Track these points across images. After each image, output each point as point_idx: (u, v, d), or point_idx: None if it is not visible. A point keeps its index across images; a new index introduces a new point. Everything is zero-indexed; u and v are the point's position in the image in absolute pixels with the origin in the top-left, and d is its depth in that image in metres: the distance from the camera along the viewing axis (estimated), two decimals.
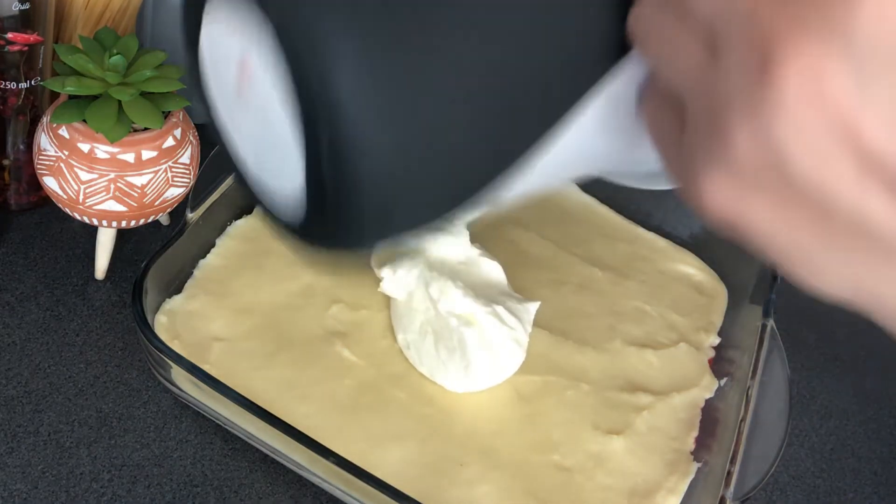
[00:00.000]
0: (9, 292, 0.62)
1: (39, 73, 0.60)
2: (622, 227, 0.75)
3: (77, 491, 0.53)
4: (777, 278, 0.67)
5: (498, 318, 0.58)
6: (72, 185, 0.58)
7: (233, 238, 0.66)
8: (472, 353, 0.57)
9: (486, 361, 0.58)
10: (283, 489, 0.56)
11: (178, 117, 0.60)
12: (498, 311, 0.58)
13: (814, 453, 0.67)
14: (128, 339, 0.61)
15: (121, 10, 0.64)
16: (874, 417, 0.71)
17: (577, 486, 0.57)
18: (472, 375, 0.58)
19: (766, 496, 0.63)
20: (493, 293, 0.60)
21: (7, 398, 0.57)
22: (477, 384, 0.59)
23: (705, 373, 0.65)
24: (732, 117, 0.24)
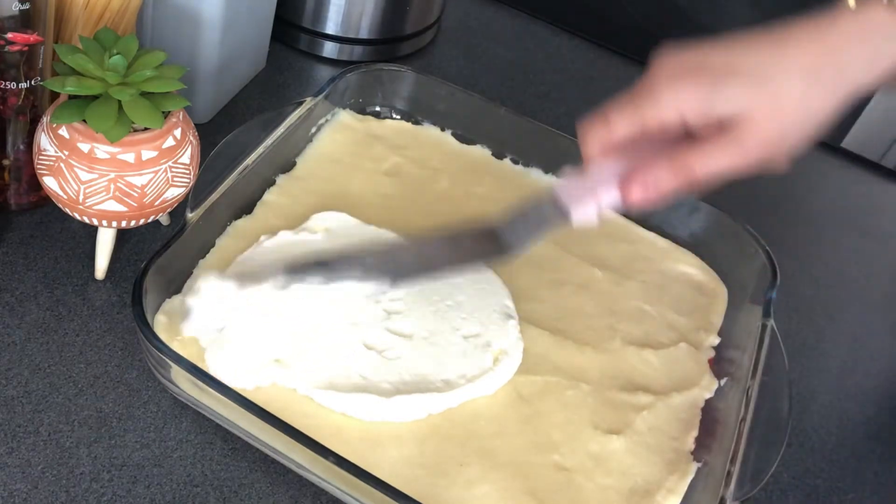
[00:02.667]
0: (9, 292, 0.62)
1: (39, 73, 0.60)
2: (622, 227, 0.75)
3: (77, 491, 0.53)
4: (777, 278, 0.67)
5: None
6: (72, 185, 0.58)
7: (233, 238, 0.66)
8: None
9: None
10: (283, 489, 0.56)
11: (178, 117, 0.60)
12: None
13: (814, 453, 0.67)
14: (128, 339, 0.61)
15: (121, 10, 0.64)
16: (874, 417, 0.71)
17: (576, 486, 0.57)
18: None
19: (766, 496, 0.63)
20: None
21: (7, 398, 0.57)
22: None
23: (705, 373, 0.65)
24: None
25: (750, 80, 0.46)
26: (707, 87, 0.46)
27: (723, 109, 0.46)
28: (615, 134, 0.49)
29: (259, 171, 0.68)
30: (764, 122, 0.46)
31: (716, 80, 0.46)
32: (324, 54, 0.90)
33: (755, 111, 0.46)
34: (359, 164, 0.75)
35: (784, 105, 0.46)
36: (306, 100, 0.72)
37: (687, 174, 0.47)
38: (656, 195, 0.48)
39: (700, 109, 0.47)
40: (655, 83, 0.47)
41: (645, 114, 0.48)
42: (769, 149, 0.47)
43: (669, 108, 0.47)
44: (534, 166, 0.78)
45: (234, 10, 0.74)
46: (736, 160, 0.47)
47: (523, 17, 1.04)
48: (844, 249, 0.85)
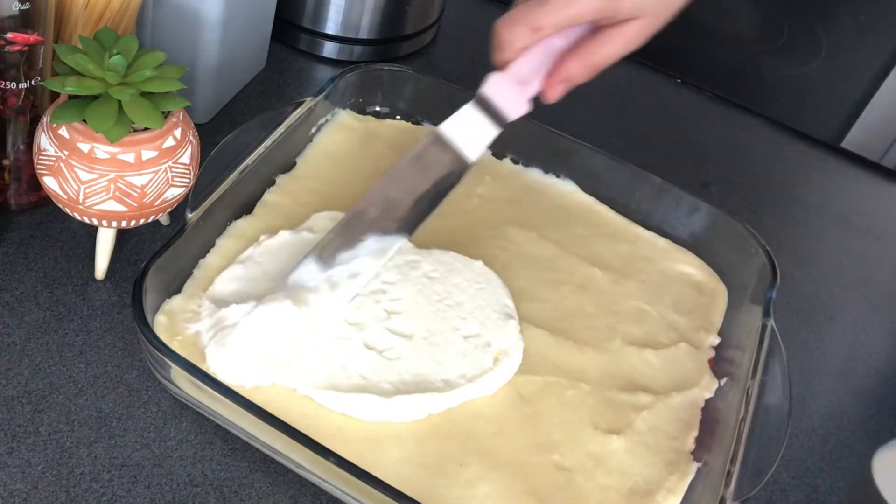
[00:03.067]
0: (9, 292, 0.62)
1: (39, 73, 0.60)
2: (622, 227, 0.75)
3: (77, 491, 0.53)
4: (777, 278, 0.67)
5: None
6: (72, 185, 0.58)
7: (233, 238, 0.66)
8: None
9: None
10: (283, 489, 0.56)
11: (178, 117, 0.60)
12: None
13: (814, 453, 0.67)
14: (128, 339, 0.61)
15: (121, 10, 0.64)
16: (874, 417, 0.71)
17: (576, 486, 0.57)
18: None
19: (766, 496, 0.63)
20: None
21: (7, 398, 0.57)
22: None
23: (705, 373, 0.65)
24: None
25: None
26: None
27: (629, 11, 0.54)
28: (544, 36, 0.56)
29: (259, 171, 0.68)
30: (656, 18, 0.55)
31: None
32: (324, 54, 0.90)
33: (653, 9, 0.54)
34: (359, 164, 0.75)
35: (672, 5, 0.55)
36: (306, 100, 0.72)
37: (593, 64, 0.56)
38: (570, 86, 0.58)
39: (613, 8, 0.54)
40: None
41: (571, 14, 0.54)
42: (651, 31, 0.55)
43: (590, 8, 0.54)
44: (534, 166, 0.78)
45: (234, 10, 0.74)
46: (629, 46, 0.55)
47: None
48: (844, 249, 0.86)
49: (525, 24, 0.56)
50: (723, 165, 0.91)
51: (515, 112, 0.58)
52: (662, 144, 0.91)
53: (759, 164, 0.93)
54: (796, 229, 0.86)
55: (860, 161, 0.97)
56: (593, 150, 0.75)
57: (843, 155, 0.97)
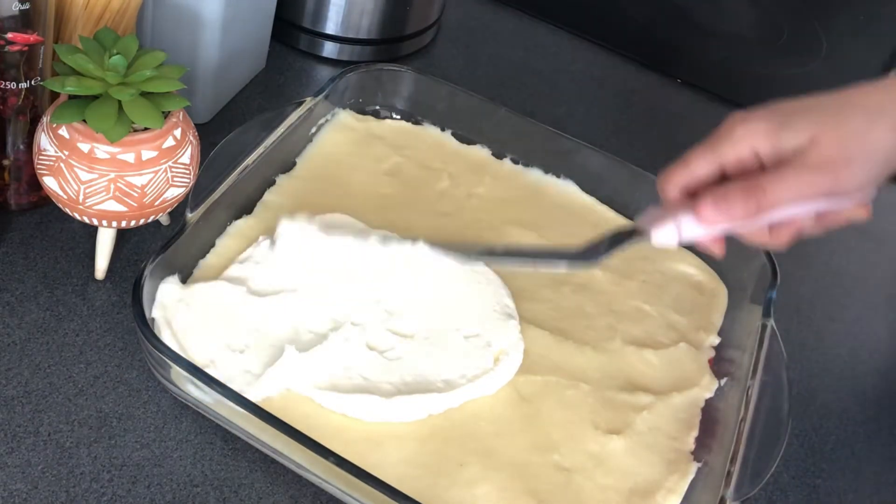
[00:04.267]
0: (9, 292, 0.62)
1: (39, 73, 0.60)
2: None
3: (77, 491, 0.53)
4: (777, 278, 0.67)
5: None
6: (72, 185, 0.58)
7: (233, 238, 0.66)
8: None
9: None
10: (283, 489, 0.56)
11: (178, 117, 0.60)
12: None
13: (814, 453, 0.67)
14: (128, 339, 0.61)
15: (121, 10, 0.64)
16: (874, 417, 0.71)
17: (576, 486, 0.57)
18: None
19: (766, 496, 0.63)
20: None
21: (7, 398, 0.57)
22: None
23: (705, 373, 0.65)
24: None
25: (816, 115, 0.50)
26: (777, 121, 0.50)
27: (790, 139, 0.50)
28: (695, 173, 0.53)
29: (259, 171, 0.68)
30: (828, 147, 0.49)
31: (785, 116, 0.51)
32: (324, 54, 0.90)
33: (821, 137, 0.49)
34: (359, 164, 0.75)
35: (848, 133, 0.49)
36: (306, 100, 0.72)
37: (757, 196, 0.49)
38: (727, 214, 0.50)
39: (771, 142, 0.50)
40: (730, 126, 0.52)
41: (721, 151, 0.52)
42: (835, 174, 0.49)
43: (743, 142, 0.51)
44: (534, 166, 0.78)
45: (234, 10, 0.74)
46: (804, 184, 0.49)
47: (523, 17, 1.04)
48: (844, 249, 0.86)
49: (679, 160, 0.54)
50: None
51: (658, 236, 0.54)
52: (662, 144, 0.91)
53: None
54: None
55: None
56: (593, 150, 0.75)
57: None
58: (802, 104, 0.52)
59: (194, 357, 0.56)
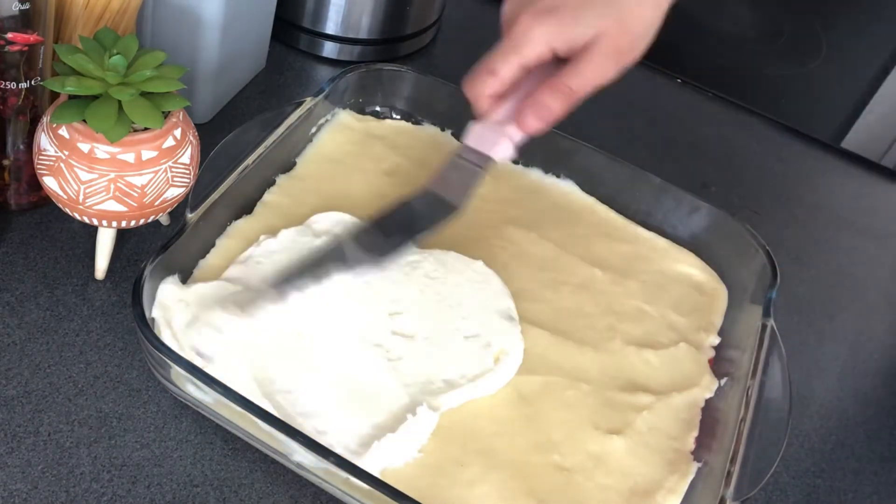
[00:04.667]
0: (9, 292, 0.62)
1: (39, 73, 0.60)
2: (622, 227, 0.75)
3: (77, 491, 0.53)
4: (777, 278, 0.67)
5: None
6: (72, 185, 0.58)
7: (233, 238, 0.66)
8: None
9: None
10: (283, 489, 0.56)
11: (178, 117, 0.60)
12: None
13: (814, 453, 0.67)
14: (128, 339, 0.61)
15: (121, 10, 0.64)
16: (874, 417, 0.71)
17: (576, 486, 0.57)
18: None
19: (766, 496, 0.63)
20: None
21: (7, 398, 0.57)
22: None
23: (705, 373, 0.65)
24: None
25: (601, 8, 0.57)
26: (569, 19, 0.56)
27: (582, 34, 0.56)
28: (503, 78, 0.58)
29: (259, 171, 0.68)
30: (615, 38, 0.56)
31: (575, 12, 0.56)
32: (324, 54, 0.90)
33: (608, 29, 0.56)
34: (359, 164, 0.75)
35: (628, 22, 0.57)
36: (306, 100, 0.72)
37: (566, 92, 0.57)
38: (547, 118, 0.57)
39: (565, 39, 0.56)
40: (524, 27, 0.57)
41: (523, 53, 0.57)
42: (622, 60, 0.57)
43: (541, 42, 0.56)
44: (534, 166, 0.78)
45: (234, 10, 0.74)
46: (600, 70, 0.57)
47: None
48: (844, 249, 0.86)
49: (482, 71, 0.58)
50: (723, 165, 0.91)
51: (499, 154, 0.60)
52: (662, 144, 0.91)
53: (759, 164, 0.93)
54: (796, 229, 0.86)
55: (860, 161, 0.97)
56: (593, 150, 0.75)
57: (843, 155, 0.97)
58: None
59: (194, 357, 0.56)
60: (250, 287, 0.60)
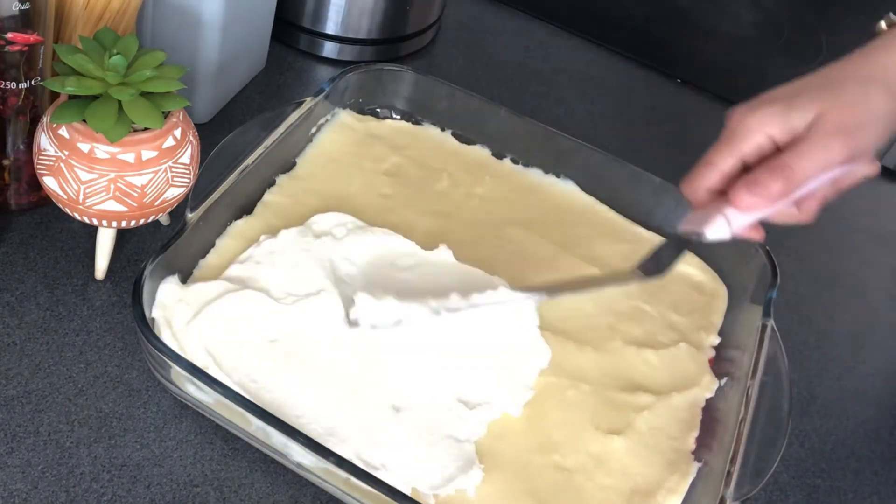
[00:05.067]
0: (9, 292, 0.62)
1: (39, 73, 0.60)
2: (622, 227, 0.75)
3: (77, 491, 0.53)
4: (777, 278, 0.67)
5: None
6: (72, 185, 0.58)
7: (233, 238, 0.66)
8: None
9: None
10: (283, 489, 0.56)
11: (178, 117, 0.60)
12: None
13: (814, 453, 0.67)
14: (128, 339, 0.61)
15: (121, 10, 0.64)
16: (874, 417, 0.71)
17: (577, 486, 0.57)
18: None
19: (766, 496, 0.63)
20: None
21: (7, 398, 0.57)
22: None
23: (705, 373, 0.65)
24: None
25: (815, 92, 0.54)
26: (783, 105, 0.54)
27: (800, 118, 0.53)
28: (722, 170, 0.55)
29: (259, 171, 0.68)
30: (836, 115, 0.53)
31: (788, 98, 0.54)
32: (324, 54, 0.90)
33: (827, 110, 0.53)
34: (359, 164, 0.75)
35: (850, 103, 0.54)
36: (306, 100, 0.72)
37: (786, 172, 0.53)
38: (763, 196, 0.53)
39: (783, 124, 0.54)
40: (739, 119, 0.55)
41: (739, 144, 0.55)
42: (849, 140, 0.53)
43: (758, 131, 0.54)
44: (534, 166, 0.78)
45: (234, 10, 0.74)
46: (822, 149, 0.53)
47: (523, 17, 1.04)
48: (844, 249, 0.86)
49: (701, 164, 0.56)
50: None
51: (712, 232, 0.56)
52: (662, 144, 0.91)
53: None
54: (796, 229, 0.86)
55: None
56: (593, 150, 0.75)
57: None
58: (799, 86, 0.56)
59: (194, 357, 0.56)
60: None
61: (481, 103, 0.78)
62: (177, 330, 0.57)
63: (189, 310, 0.58)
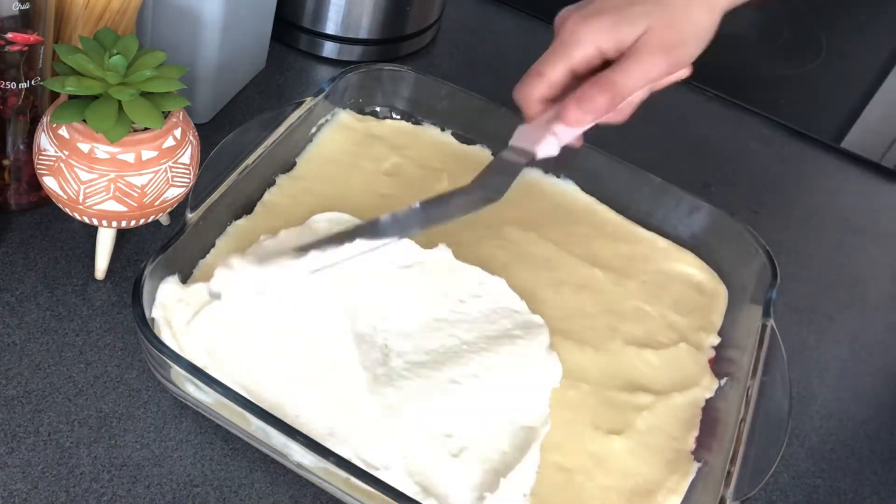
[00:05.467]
0: (9, 292, 0.62)
1: (39, 73, 0.60)
2: (622, 227, 0.75)
3: (77, 491, 0.53)
4: (777, 278, 0.67)
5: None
6: (72, 185, 0.58)
7: (233, 238, 0.66)
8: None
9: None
10: (283, 489, 0.56)
11: (178, 117, 0.60)
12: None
13: (814, 453, 0.67)
14: (128, 339, 0.61)
15: (121, 10, 0.64)
16: (874, 417, 0.71)
17: (577, 486, 0.57)
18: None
19: (766, 496, 0.63)
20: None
21: (7, 398, 0.57)
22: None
23: (705, 373, 0.65)
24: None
25: (645, 6, 0.56)
26: (614, 18, 0.56)
27: (629, 32, 0.55)
28: (551, 80, 0.58)
29: (259, 171, 0.68)
30: (662, 33, 0.55)
31: (620, 11, 0.56)
32: (324, 54, 0.90)
33: (654, 26, 0.55)
34: (359, 164, 0.75)
35: (676, 19, 0.56)
36: (306, 100, 0.72)
37: (611, 87, 0.55)
38: (591, 112, 0.56)
39: (612, 37, 0.56)
40: (571, 29, 0.57)
41: (570, 54, 0.57)
42: (671, 55, 0.56)
43: (588, 43, 0.56)
44: (534, 166, 0.78)
45: (234, 10, 0.74)
46: (647, 67, 0.56)
47: (523, 17, 1.04)
48: (844, 249, 0.86)
49: (531, 74, 0.58)
50: (723, 165, 0.91)
51: (542, 150, 0.59)
52: (662, 144, 0.91)
53: (759, 164, 0.93)
54: (796, 229, 0.86)
55: (860, 161, 0.97)
56: (593, 150, 0.75)
57: (843, 155, 0.97)
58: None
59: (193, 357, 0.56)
60: (271, 249, 0.59)
61: (481, 103, 0.78)
62: (177, 330, 0.57)
63: (189, 310, 0.58)
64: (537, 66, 0.58)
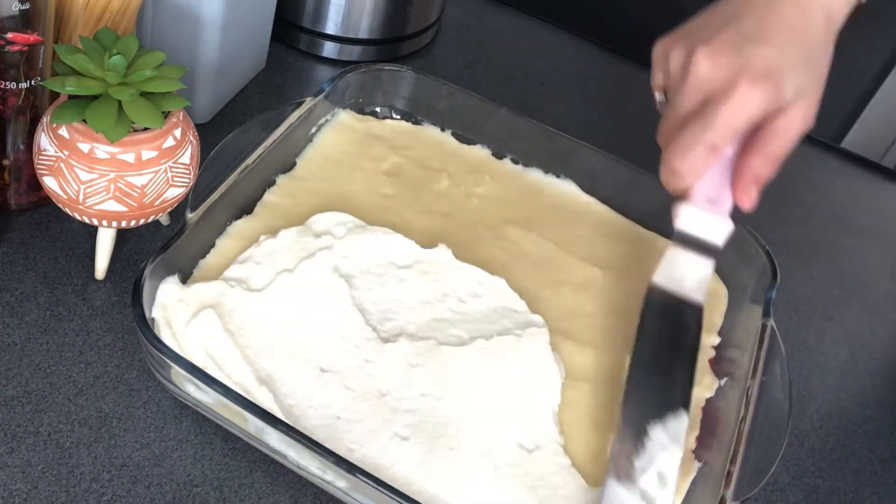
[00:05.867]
0: (9, 292, 0.62)
1: (39, 73, 0.60)
2: (622, 227, 0.75)
3: (77, 491, 0.53)
4: (777, 278, 0.67)
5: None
6: (72, 185, 0.58)
7: (233, 238, 0.66)
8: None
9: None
10: (283, 489, 0.56)
11: (178, 117, 0.60)
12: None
13: (814, 453, 0.67)
14: (128, 339, 0.61)
15: (121, 11, 0.64)
16: (874, 417, 0.71)
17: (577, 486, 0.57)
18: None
19: (766, 496, 0.63)
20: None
21: (7, 398, 0.57)
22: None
23: (706, 372, 0.65)
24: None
25: (805, 69, 0.55)
26: (781, 82, 0.53)
27: (791, 95, 0.54)
28: (721, 153, 0.54)
29: (259, 171, 0.68)
30: (815, 96, 0.55)
31: (784, 73, 0.54)
32: (324, 54, 0.90)
33: (808, 85, 0.55)
34: (359, 164, 0.75)
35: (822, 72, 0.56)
36: (306, 100, 0.72)
37: (776, 157, 0.55)
38: (762, 185, 0.55)
39: (772, 103, 0.54)
40: (742, 94, 0.52)
41: (740, 125, 0.54)
42: (814, 108, 0.55)
43: (757, 111, 0.54)
44: (534, 166, 0.78)
45: (234, 10, 0.74)
46: (801, 130, 0.55)
47: (523, 17, 1.04)
48: (844, 249, 0.86)
49: (700, 145, 0.53)
50: None
51: (721, 236, 0.57)
52: None
53: None
54: (796, 229, 0.86)
55: (860, 161, 0.97)
56: (593, 150, 0.75)
57: (843, 155, 0.97)
58: (726, 20, 0.56)
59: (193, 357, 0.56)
60: None
61: (481, 103, 0.78)
62: (176, 330, 0.57)
63: (189, 310, 0.58)
64: (704, 136, 0.53)
